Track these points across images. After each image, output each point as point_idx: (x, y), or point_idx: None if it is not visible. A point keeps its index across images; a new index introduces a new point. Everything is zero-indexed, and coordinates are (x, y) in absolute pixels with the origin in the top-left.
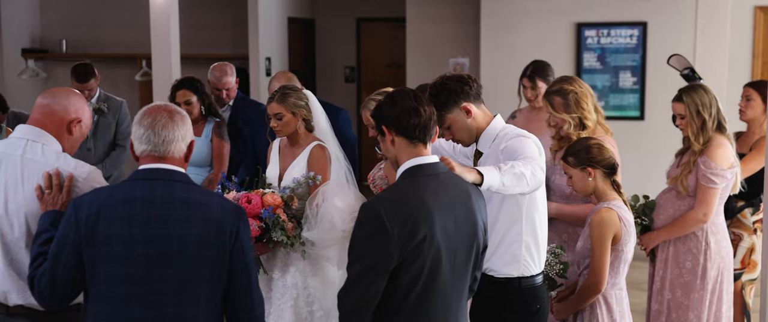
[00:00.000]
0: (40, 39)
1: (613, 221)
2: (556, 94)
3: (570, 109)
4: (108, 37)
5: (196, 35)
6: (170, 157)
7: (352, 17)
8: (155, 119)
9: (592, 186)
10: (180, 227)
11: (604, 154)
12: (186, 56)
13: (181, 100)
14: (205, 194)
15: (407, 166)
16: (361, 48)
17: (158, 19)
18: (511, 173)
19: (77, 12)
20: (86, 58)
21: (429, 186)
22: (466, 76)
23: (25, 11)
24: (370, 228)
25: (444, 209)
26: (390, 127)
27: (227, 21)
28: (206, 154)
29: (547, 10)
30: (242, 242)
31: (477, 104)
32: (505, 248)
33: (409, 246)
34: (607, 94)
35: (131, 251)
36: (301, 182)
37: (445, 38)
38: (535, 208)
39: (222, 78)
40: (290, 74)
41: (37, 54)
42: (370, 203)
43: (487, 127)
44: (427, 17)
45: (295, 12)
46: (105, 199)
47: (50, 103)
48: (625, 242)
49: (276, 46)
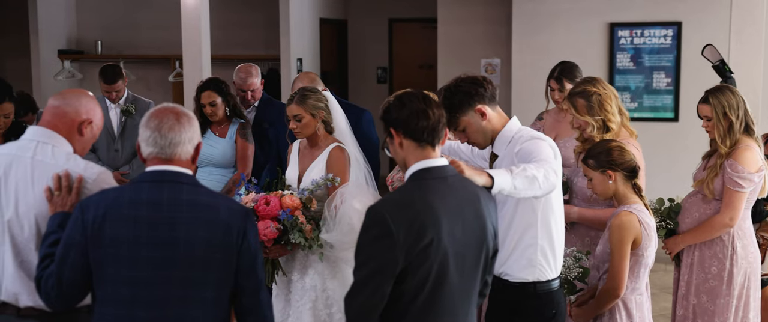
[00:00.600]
0: (77, 40)
1: (632, 225)
2: (579, 96)
3: (593, 111)
4: (142, 39)
5: (228, 36)
6: (177, 159)
7: (385, 18)
8: (162, 121)
9: (612, 189)
10: (186, 229)
11: (625, 157)
12: (218, 57)
13: (206, 102)
14: (212, 196)
15: (415, 169)
16: (393, 49)
17: (189, 20)
18: (522, 176)
19: (112, 14)
20: (120, 59)
21: (436, 189)
22: (480, 78)
23: (61, 13)
24: (376, 232)
25: (451, 213)
26: (398, 130)
27: (259, 22)
28: (230, 156)
29: (579, 11)
30: (250, 243)
31: (492, 106)
32: (521, 252)
33: (415, 250)
34: (641, 95)
35: (137, 253)
36: (320, 184)
37: (476, 39)
38: (551, 211)
39: (247, 79)
40: (313, 75)
41: (72, 55)
42: (375, 206)
43: (503, 130)
44: (458, 18)
45: (327, 13)
46: (111, 201)
47: (61, 105)
48: (646, 247)
49: (307, 47)
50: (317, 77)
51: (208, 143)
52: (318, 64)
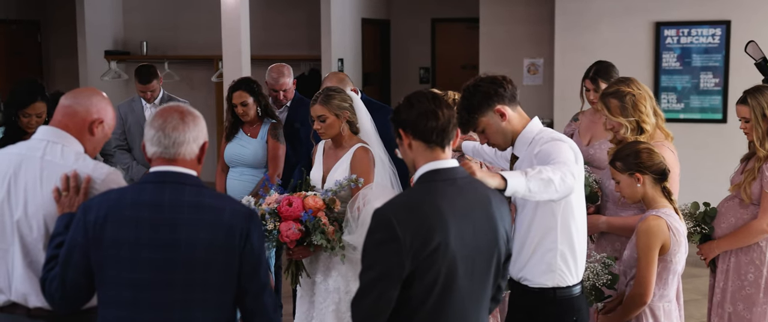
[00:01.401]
0: (123, 41)
1: (661, 230)
2: (612, 97)
3: (627, 112)
4: (186, 39)
5: (271, 36)
6: (181, 159)
7: (428, 18)
8: (166, 121)
9: (640, 192)
10: (188, 231)
11: (654, 159)
12: (260, 57)
13: (238, 102)
14: (216, 197)
15: (423, 170)
16: (436, 49)
17: (229, 21)
18: (538, 178)
19: (158, 15)
20: (165, 59)
21: (445, 192)
22: (500, 78)
23: (108, 14)
24: (381, 235)
25: (460, 216)
26: (407, 131)
27: (301, 22)
28: (262, 156)
29: (624, 9)
30: (253, 245)
31: (512, 106)
32: (540, 256)
33: (422, 254)
34: (688, 96)
35: (138, 255)
36: (344, 185)
37: (518, 39)
38: (572, 216)
39: (279, 79)
40: (342, 75)
41: (119, 56)
42: (382, 209)
43: (523, 131)
44: (501, 18)
45: (370, 13)
46: (113, 202)
47: (72, 104)
48: (675, 253)
49: (349, 48)
50: (346, 77)
51: (240, 143)
52: (359, 64)
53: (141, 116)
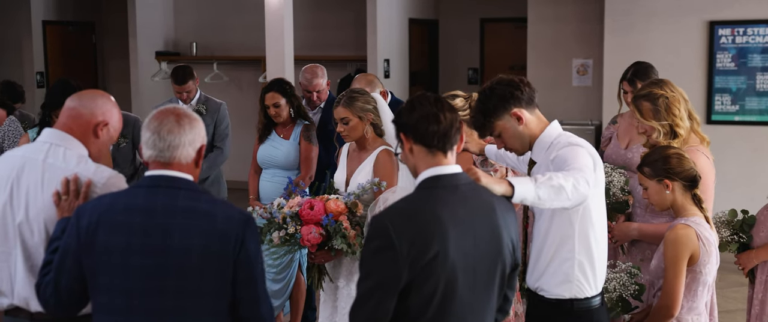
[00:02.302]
0: (174, 42)
1: (689, 240)
2: (645, 99)
3: (660, 115)
4: (235, 40)
5: (319, 36)
6: (176, 163)
7: (476, 17)
8: (161, 123)
9: (669, 200)
10: (180, 237)
11: (684, 165)
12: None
13: (270, 103)
14: (210, 202)
15: (424, 176)
16: (485, 49)
17: (273, 22)
18: (547, 185)
19: (207, 16)
20: (214, 60)
21: (446, 199)
22: (517, 80)
23: (159, 16)
24: (378, 243)
25: (460, 224)
26: (408, 135)
27: (349, 22)
28: (294, 157)
29: (676, 8)
30: (248, 252)
31: (530, 110)
32: (557, 266)
33: (420, 263)
34: (743, 97)
35: (129, 261)
36: (366, 188)
37: (567, 38)
38: (590, 224)
39: (312, 80)
40: (371, 77)
41: (169, 57)
42: (379, 216)
43: (541, 135)
44: (549, 17)
45: (417, 13)
46: (106, 207)
47: (76, 106)
48: (704, 263)
49: (395, 48)
50: (375, 79)
51: (272, 145)
52: (406, 64)
53: None
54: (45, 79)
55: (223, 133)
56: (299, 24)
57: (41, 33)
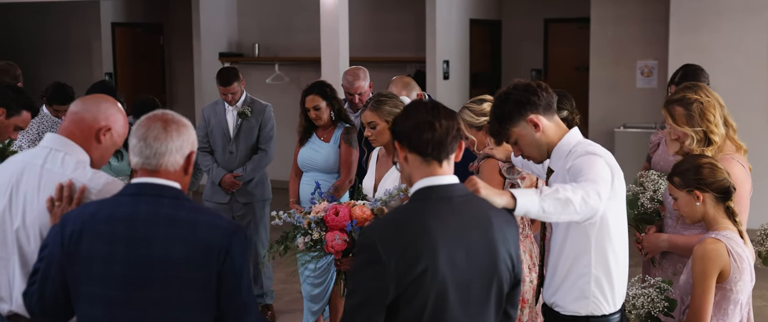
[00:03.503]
0: (237, 43)
1: (718, 255)
2: (678, 104)
3: (693, 121)
4: (297, 41)
5: (380, 38)
6: (163, 170)
7: (540, 18)
8: (148, 130)
9: (700, 212)
10: (163, 247)
11: (716, 176)
12: (368, 59)
13: (310, 106)
14: (196, 211)
15: (417, 187)
16: (549, 50)
17: (328, 23)
18: (553, 197)
19: (270, 17)
20: (276, 61)
21: (438, 211)
22: (534, 85)
23: (222, 17)
24: (365, 257)
25: (452, 238)
26: (403, 143)
27: (410, 23)
28: (334, 161)
29: (744, 8)
30: (233, 264)
31: (548, 116)
32: (573, 281)
33: (408, 279)
34: None
35: (111, 271)
36: (393, 194)
37: (631, 39)
38: (607, 238)
39: (354, 82)
40: (407, 79)
41: (232, 58)
42: (367, 229)
43: (560, 142)
44: (613, 17)
45: (479, 13)
46: (89, 216)
47: (79, 111)
48: (735, 281)
49: (455, 49)
50: (412, 81)
51: (312, 148)
52: (467, 65)
53: (223, 119)
54: (114, 80)
55: (268, 136)
56: (358, 25)
57: (110, 35)
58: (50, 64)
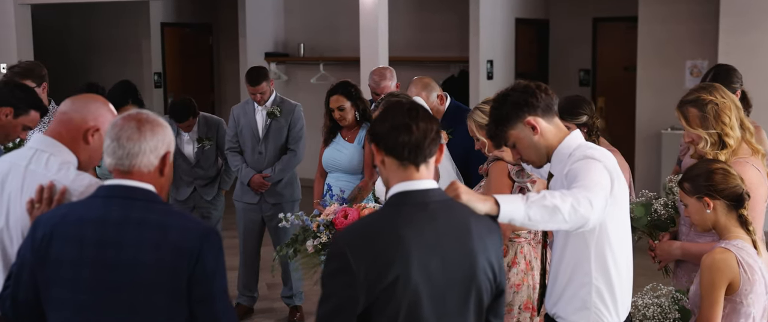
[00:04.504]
0: (283, 43)
1: (727, 265)
2: (692, 105)
3: (708, 123)
4: (342, 41)
5: (425, 37)
6: (137, 171)
7: (589, 17)
8: (121, 130)
9: (711, 220)
10: (133, 251)
11: (728, 182)
12: (412, 59)
13: (334, 106)
14: (168, 214)
15: (392, 192)
16: (597, 50)
17: (367, 23)
18: (540, 204)
19: (316, 17)
20: (321, 61)
21: (412, 218)
22: (533, 86)
23: (269, 17)
24: (335, 265)
25: (427, 246)
26: (379, 146)
27: (454, 23)
28: (358, 161)
29: None
30: (204, 269)
31: (547, 118)
32: (573, 291)
33: (378, 288)
34: None
35: (80, 275)
36: None
37: (680, 38)
38: (608, 246)
39: (380, 82)
40: (427, 80)
41: (278, 58)
42: (338, 236)
43: (560, 146)
44: (661, 16)
45: (525, 13)
46: (59, 218)
47: (67, 111)
48: (746, 293)
49: (500, 49)
50: (432, 82)
51: (336, 148)
52: (512, 65)
53: (252, 119)
54: (162, 80)
55: (296, 136)
56: (402, 25)
57: (159, 35)
58: (100, 64)
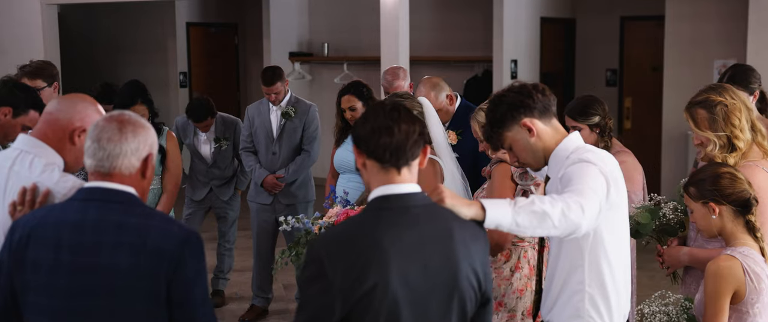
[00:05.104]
0: (307, 43)
1: (732, 273)
2: (700, 106)
3: (716, 125)
4: (366, 41)
5: (449, 37)
6: (117, 173)
7: (616, 15)
8: (102, 131)
9: (717, 226)
10: (110, 255)
11: (735, 187)
12: (435, 59)
13: (346, 106)
14: (148, 217)
15: (373, 196)
16: (625, 49)
17: (387, 22)
18: (528, 210)
19: (340, 17)
20: (345, 61)
21: (391, 222)
22: (529, 87)
23: (293, 16)
24: (310, 272)
25: (407, 252)
26: (360, 148)
27: (478, 22)
28: None
29: None
30: (185, 274)
31: (544, 120)
32: (567, 298)
33: (354, 296)
34: None
35: (56, 280)
36: None
37: (708, 38)
38: (603, 253)
39: (393, 82)
40: (436, 80)
41: (302, 57)
42: (314, 242)
43: (557, 148)
44: (688, 14)
45: (551, 11)
46: (37, 221)
47: (54, 111)
48: (752, 302)
49: (524, 48)
50: (441, 81)
51: (347, 149)
52: (537, 65)
53: (266, 119)
54: (188, 79)
55: (311, 136)
56: (425, 24)
57: (185, 34)
58: (126, 63)
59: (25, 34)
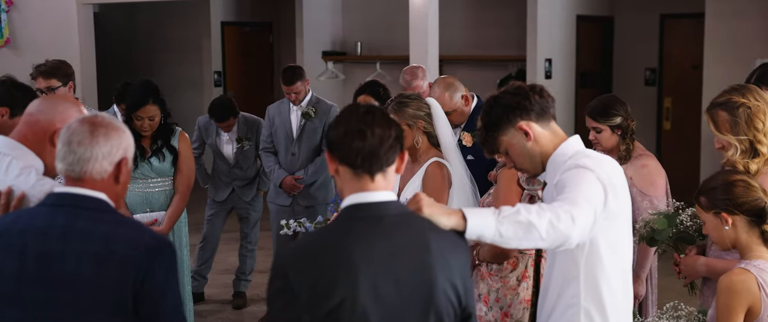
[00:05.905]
0: (340, 42)
1: (746, 288)
2: (722, 108)
3: (738, 128)
4: (399, 40)
5: (482, 35)
6: (88, 178)
7: (656, 13)
8: (73, 134)
9: (730, 237)
10: (75, 264)
11: (749, 195)
12: (469, 58)
13: None
14: (118, 225)
15: (344, 204)
16: (665, 47)
17: (417, 20)
18: (513, 220)
19: (373, 15)
20: (378, 60)
21: (362, 233)
22: (526, 88)
23: (326, 15)
24: (276, 286)
25: (378, 264)
26: (333, 153)
27: (511, 21)
28: None
29: None
30: (153, 285)
31: (541, 123)
32: (561, 312)
33: (322, 311)
34: None
35: (19, 290)
36: None
37: (748, 36)
38: (600, 265)
39: (412, 82)
40: (450, 79)
41: (335, 56)
42: (280, 254)
43: (555, 152)
44: (729, 11)
45: (588, 9)
46: (4, 227)
47: (34, 113)
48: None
49: (559, 47)
50: (456, 81)
51: None
52: (572, 64)
53: (287, 119)
54: (222, 79)
55: None
56: (458, 23)
57: (219, 34)
58: (162, 62)
59: (61, 35)
